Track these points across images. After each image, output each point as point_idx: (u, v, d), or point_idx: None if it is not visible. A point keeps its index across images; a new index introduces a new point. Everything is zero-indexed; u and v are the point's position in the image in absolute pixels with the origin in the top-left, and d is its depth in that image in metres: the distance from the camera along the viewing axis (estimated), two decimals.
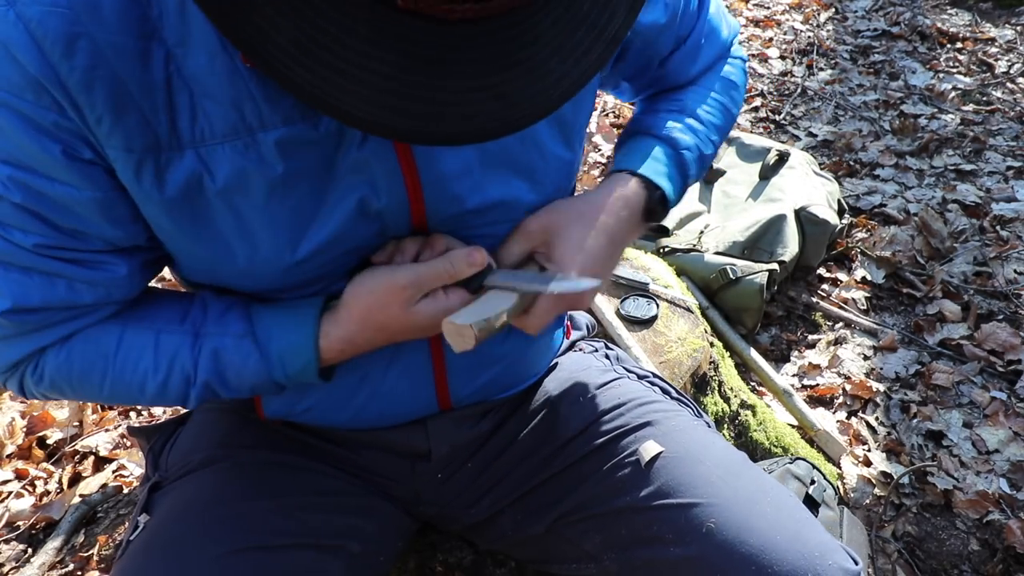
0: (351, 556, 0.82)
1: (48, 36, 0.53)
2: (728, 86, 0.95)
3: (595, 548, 0.83)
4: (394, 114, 0.49)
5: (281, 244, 0.67)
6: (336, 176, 0.65)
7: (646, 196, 0.82)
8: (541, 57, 0.51)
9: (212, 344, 0.71)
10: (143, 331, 0.72)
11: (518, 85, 0.51)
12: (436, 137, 0.51)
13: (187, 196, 0.62)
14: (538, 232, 0.76)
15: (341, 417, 0.85)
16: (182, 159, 0.60)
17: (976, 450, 1.79)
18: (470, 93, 0.50)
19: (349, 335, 0.71)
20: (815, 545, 0.74)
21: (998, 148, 2.94)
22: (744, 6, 4.43)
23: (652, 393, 0.95)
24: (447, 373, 0.85)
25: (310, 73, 0.47)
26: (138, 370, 0.71)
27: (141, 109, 0.57)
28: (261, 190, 0.63)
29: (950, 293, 2.24)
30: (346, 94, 0.48)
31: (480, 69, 0.49)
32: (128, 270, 0.68)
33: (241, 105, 0.59)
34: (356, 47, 0.47)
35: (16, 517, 1.46)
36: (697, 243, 2.15)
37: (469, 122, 0.51)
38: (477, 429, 0.91)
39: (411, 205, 0.70)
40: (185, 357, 0.71)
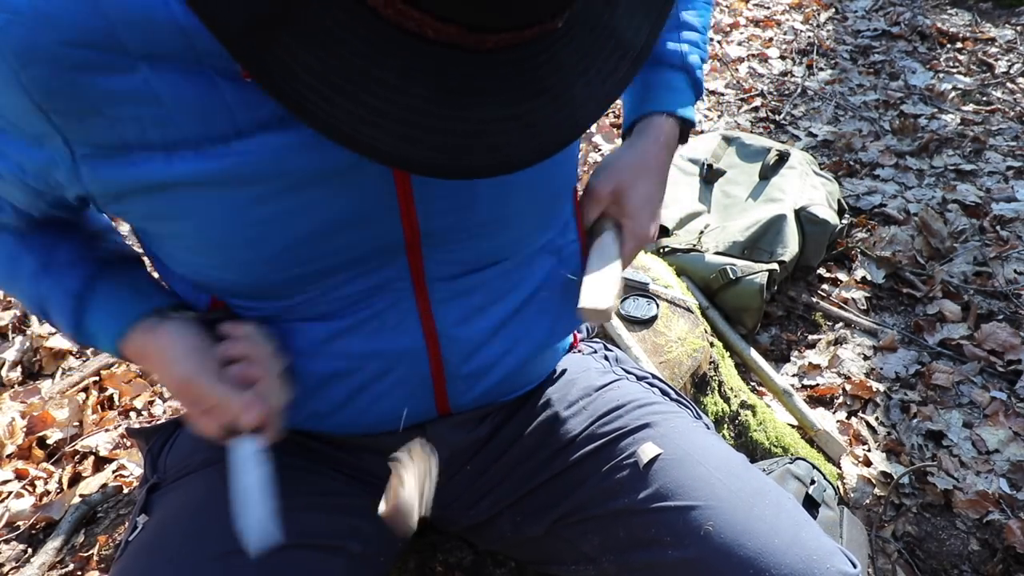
0: (351, 556, 0.82)
1: (7, 47, 0.52)
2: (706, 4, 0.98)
3: (594, 550, 0.83)
4: (422, 148, 0.49)
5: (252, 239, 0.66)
6: (319, 179, 0.64)
7: (679, 130, 0.90)
8: (567, 83, 0.51)
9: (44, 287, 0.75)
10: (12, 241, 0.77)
11: (545, 113, 0.51)
12: (463, 170, 0.51)
13: (159, 192, 0.62)
14: (607, 195, 0.85)
15: (340, 424, 0.85)
16: (152, 159, 0.60)
17: (976, 450, 1.79)
18: (497, 123, 0.49)
19: (139, 355, 0.74)
20: (814, 548, 0.74)
21: (998, 148, 2.94)
22: (744, 6, 4.43)
23: (651, 395, 0.95)
24: (446, 384, 0.84)
25: (336, 109, 0.47)
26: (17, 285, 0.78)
27: (106, 117, 0.57)
28: (236, 193, 0.63)
29: (950, 293, 2.24)
30: (371, 128, 0.47)
31: (508, 98, 0.49)
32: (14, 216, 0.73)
33: (215, 114, 0.59)
34: (387, 81, 0.46)
35: (16, 517, 1.46)
36: (697, 243, 2.15)
37: (496, 153, 0.50)
38: (476, 433, 0.91)
39: (401, 211, 0.69)
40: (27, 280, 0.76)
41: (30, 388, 1.81)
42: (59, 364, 1.90)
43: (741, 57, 3.80)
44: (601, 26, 0.51)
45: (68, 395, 1.76)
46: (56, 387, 1.80)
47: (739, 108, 3.36)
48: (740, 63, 3.75)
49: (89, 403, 1.76)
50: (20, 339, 1.93)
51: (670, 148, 0.90)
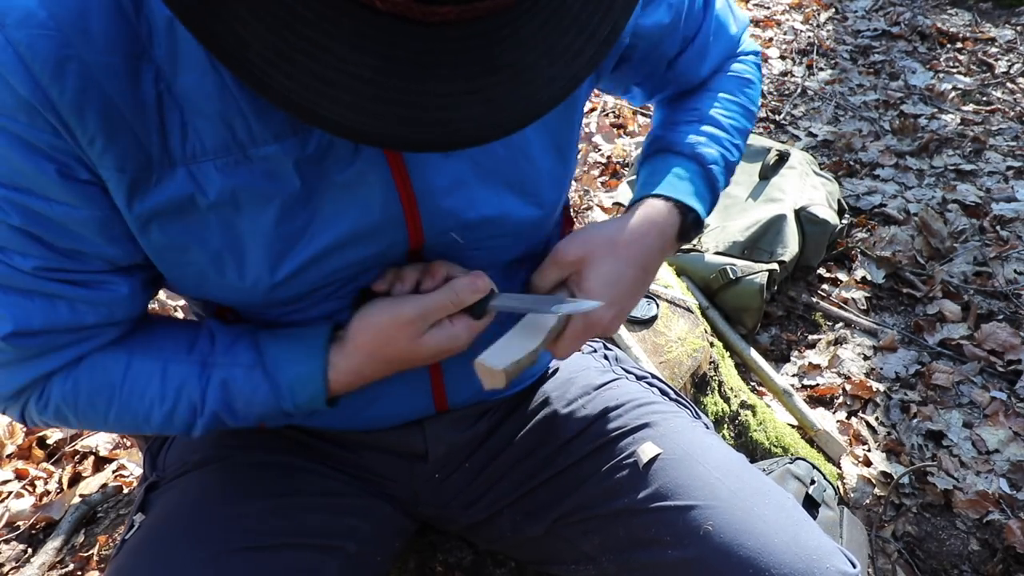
0: (347, 556, 0.82)
1: (37, 59, 0.52)
2: (742, 84, 0.93)
3: (593, 549, 0.83)
4: (375, 119, 0.48)
5: (271, 258, 0.66)
6: (329, 191, 0.65)
7: (680, 220, 0.81)
8: (528, 60, 0.50)
9: (221, 375, 0.71)
10: (150, 359, 0.71)
11: (504, 89, 0.50)
12: (419, 143, 0.50)
13: (179, 212, 0.62)
14: (572, 262, 0.77)
15: (338, 420, 0.85)
16: (174, 176, 0.60)
17: (976, 450, 1.79)
18: (454, 97, 0.49)
19: (358, 367, 0.71)
20: (813, 548, 0.74)
21: (998, 148, 2.94)
22: (744, 6, 4.43)
23: (651, 394, 0.95)
24: (444, 377, 0.84)
25: (290, 80, 0.47)
26: (144, 399, 0.70)
27: (132, 129, 0.57)
28: (252, 206, 0.63)
29: (950, 293, 2.24)
30: (325, 99, 0.47)
31: (464, 72, 0.48)
32: (129, 289, 0.68)
33: (232, 122, 0.59)
34: (336, 51, 0.46)
35: (16, 517, 1.46)
36: (697, 243, 2.15)
37: (454, 127, 0.50)
38: (474, 430, 0.91)
39: (407, 220, 0.69)
40: (192, 387, 0.70)
41: None
42: None
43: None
44: (564, 8, 0.51)
45: None
46: None
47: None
48: None
49: None
50: None
51: (664, 235, 0.80)
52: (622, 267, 0.76)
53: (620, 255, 0.76)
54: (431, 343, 0.70)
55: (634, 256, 0.77)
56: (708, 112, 0.88)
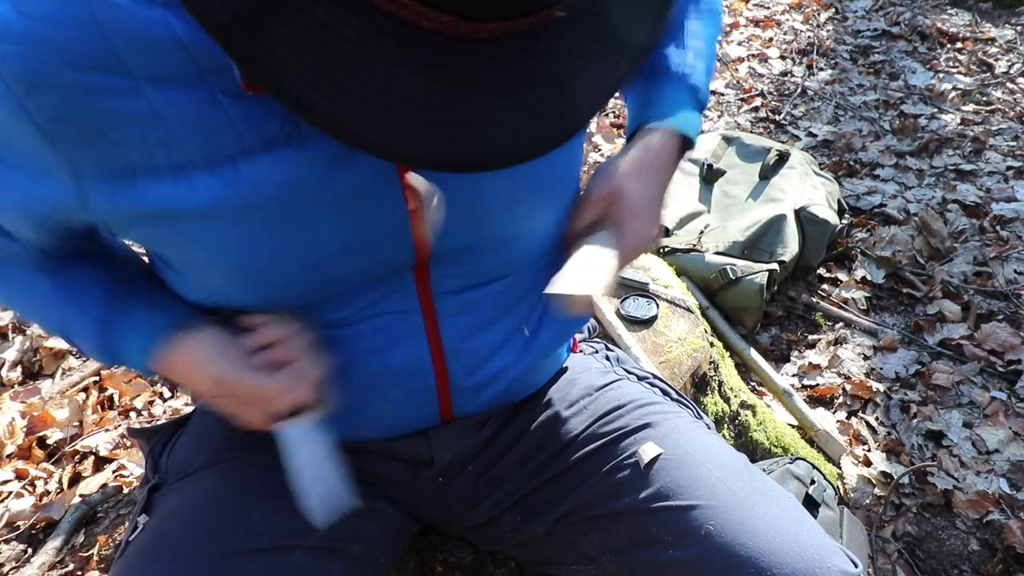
0: (351, 557, 0.82)
1: (12, 75, 0.51)
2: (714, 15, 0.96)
3: (594, 549, 0.83)
4: (422, 141, 0.47)
5: (265, 267, 0.65)
6: (327, 202, 0.63)
7: (680, 143, 0.86)
8: (569, 73, 0.50)
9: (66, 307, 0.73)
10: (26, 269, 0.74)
11: (550, 103, 0.50)
12: (468, 163, 0.49)
13: (166, 216, 0.61)
14: (605, 196, 0.80)
15: (343, 430, 0.85)
16: (160, 184, 0.59)
17: (976, 450, 1.79)
18: (501, 114, 0.48)
19: (170, 368, 0.73)
20: (815, 547, 0.74)
21: (998, 148, 2.94)
22: (744, 6, 4.43)
23: (652, 395, 0.95)
24: (451, 394, 0.83)
25: (332, 103, 0.46)
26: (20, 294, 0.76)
27: (111, 140, 0.56)
28: (243, 215, 0.62)
29: (950, 293, 2.24)
30: (370, 122, 0.46)
31: (508, 88, 0.48)
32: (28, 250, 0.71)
33: (221, 133, 0.58)
34: (380, 72, 0.45)
35: (16, 517, 1.46)
36: (697, 243, 2.15)
37: (501, 144, 0.49)
38: (478, 436, 0.91)
39: (413, 230, 0.68)
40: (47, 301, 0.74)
41: (30, 388, 1.81)
42: (59, 364, 1.90)
43: (741, 57, 3.80)
44: (601, 17, 0.50)
45: (68, 395, 1.76)
46: (56, 387, 1.80)
47: (739, 108, 3.36)
48: (740, 63, 3.75)
49: (89, 403, 1.76)
50: (20, 339, 1.93)
51: (668, 158, 0.85)
52: (651, 187, 0.81)
53: (645, 177, 0.81)
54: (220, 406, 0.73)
55: (656, 178, 0.83)
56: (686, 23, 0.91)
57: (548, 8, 0.46)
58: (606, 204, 0.80)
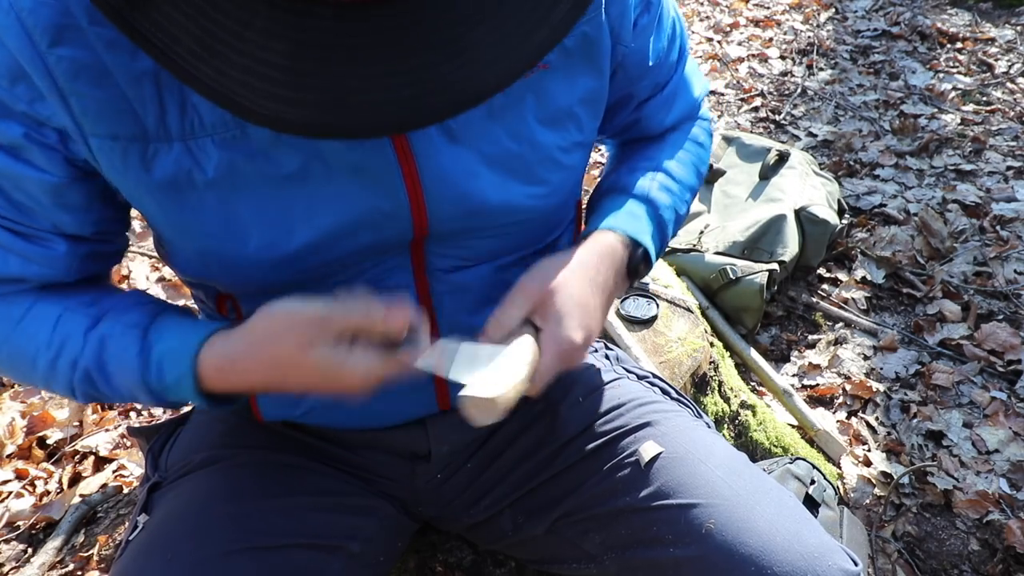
0: (350, 556, 0.82)
1: (38, 26, 0.53)
2: (696, 146, 0.95)
3: (595, 548, 0.83)
4: (293, 108, 0.47)
5: (270, 239, 0.66)
6: (331, 174, 0.65)
7: (629, 255, 0.80)
8: (468, 39, 0.48)
9: (104, 329, 0.67)
10: (52, 305, 0.69)
11: (440, 71, 0.47)
12: (340, 130, 0.48)
13: (175, 186, 0.62)
14: (536, 291, 0.71)
15: (340, 418, 0.85)
16: (170, 151, 0.61)
17: (976, 450, 1.79)
18: (376, 80, 0.47)
19: (233, 353, 0.65)
20: (815, 546, 0.74)
21: (998, 148, 2.94)
22: (744, 6, 4.43)
23: (652, 393, 0.95)
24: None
25: (212, 70, 0.47)
26: (33, 342, 0.68)
27: (128, 98, 0.58)
28: (251, 184, 0.63)
29: (950, 293, 2.24)
30: (246, 89, 0.47)
31: (387, 54, 0.46)
32: (66, 251, 0.67)
33: None
34: (253, 40, 0.46)
35: (16, 517, 1.46)
36: (697, 243, 2.15)
37: (375, 112, 0.48)
38: (477, 431, 0.91)
39: (412, 208, 0.69)
40: (77, 338, 0.67)
41: (30, 388, 1.81)
42: None
43: (741, 57, 3.80)
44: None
45: None
46: None
47: (739, 108, 3.36)
48: (740, 63, 3.75)
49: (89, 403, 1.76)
50: None
51: (616, 266, 0.78)
52: (588, 290, 0.73)
53: (582, 281, 0.73)
54: (319, 361, 0.61)
55: (597, 281, 0.75)
56: (663, 163, 0.89)
57: None
58: (536, 303, 0.71)
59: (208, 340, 0.65)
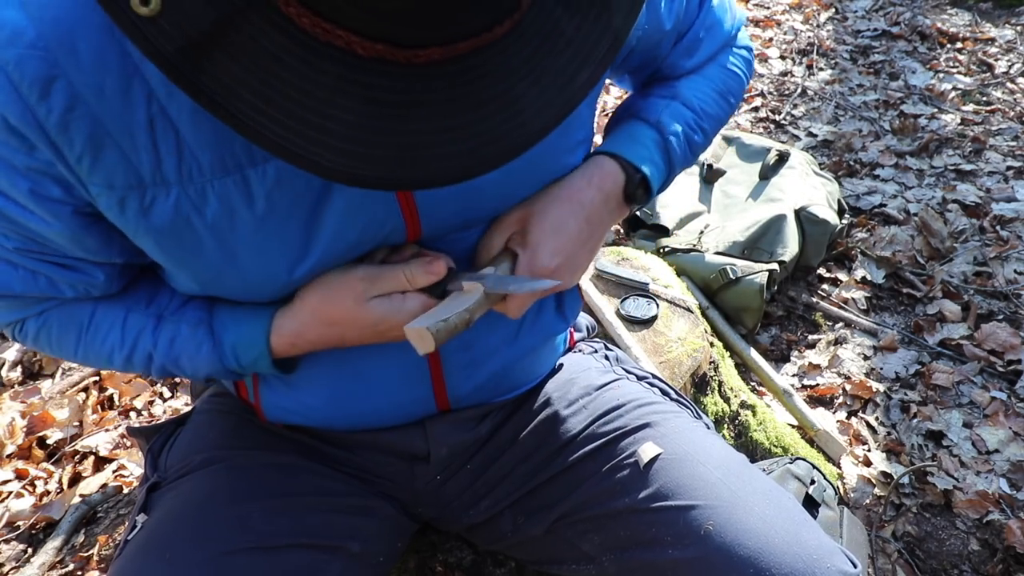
0: (350, 556, 0.82)
1: (25, 79, 0.52)
2: (726, 74, 0.93)
3: (594, 549, 0.83)
4: (361, 162, 0.48)
5: (273, 271, 0.68)
6: (328, 206, 0.65)
7: (625, 178, 0.81)
8: (519, 90, 0.50)
9: (170, 330, 0.74)
10: (114, 307, 0.75)
11: (493, 123, 0.50)
12: (405, 182, 0.50)
13: (175, 229, 0.63)
14: (515, 220, 0.76)
15: (340, 418, 0.85)
16: (168, 196, 0.60)
17: (976, 450, 1.79)
18: (437, 135, 0.49)
19: (299, 327, 0.72)
20: (814, 547, 0.74)
21: (998, 148, 2.94)
22: (744, 6, 4.43)
23: (651, 394, 0.95)
24: (444, 371, 0.84)
25: (277, 126, 0.47)
26: (106, 343, 0.75)
27: (122, 148, 0.57)
28: (251, 223, 0.64)
29: (950, 293, 2.24)
30: (313, 144, 0.47)
31: (448, 109, 0.48)
32: (106, 276, 0.71)
33: (230, 143, 0.59)
34: (321, 96, 0.46)
35: (16, 517, 1.46)
36: (697, 243, 2.15)
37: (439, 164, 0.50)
38: (476, 432, 0.91)
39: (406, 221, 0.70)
40: (147, 338, 0.75)
41: (30, 388, 1.81)
42: (59, 364, 1.90)
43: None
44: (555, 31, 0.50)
45: (68, 395, 1.76)
46: (56, 387, 1.80)
47: (739, 108, 3.36)
48: None
49: (89, 403, 1.76)
50: None
51: (606, 189, 0.79)
52: (564, 216, 0.75)
53: (562, 206, 0.76)
54: (376, 310, 0.69)
55: (576, 206, 0.76)
56: (682, 90, 0.89)
57: (488, 31, 0.47)
58: (515, 228, 0.76)
59: (274, 324, 0.73)
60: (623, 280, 1.67)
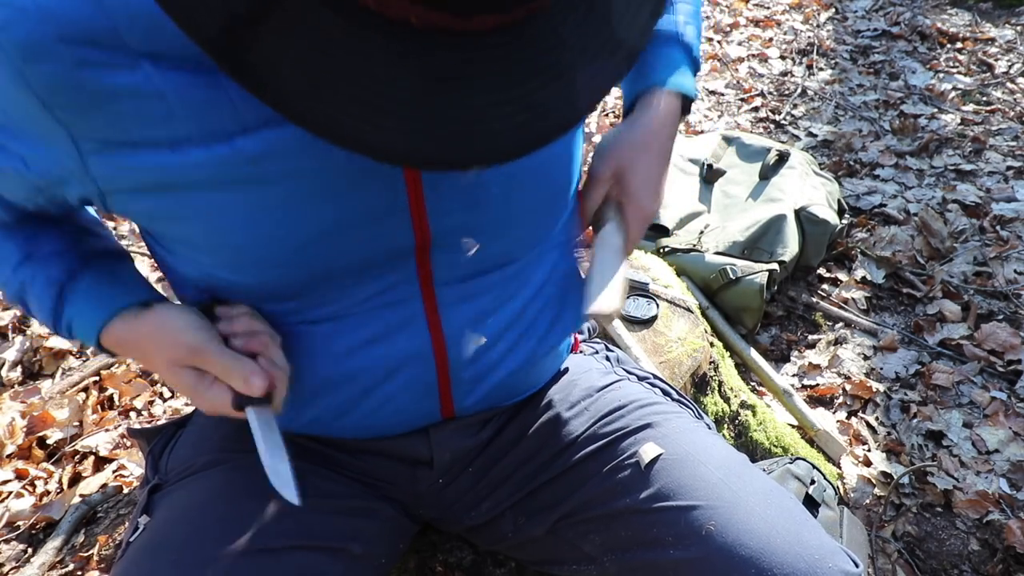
0: (352, 558, 0.82)
1: (11, 42, 0.52)
2: None
3: (595, 550, 0.83)
4: (418, 141, 0.46)
5: (262, 244, 0.65)
6: (326, 176, 0.63)
7: (681, 106, 0.88)
8: (567, 61, 0.48)
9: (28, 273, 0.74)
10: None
11: (547, 93, 0.48)
12: (465, 160, 0.48)
13: (162, 192, 0.61)
14: (609, 175, 0.83)
15: (344, 428, 0.85)
16: (157, 158, 0.59)
17: (976, 450, 1.79)
18: (496, 108, 0.47)
19: (126, 337, 0.73)
20: (815, 547, 0.74)
21: (998, 148, 2.94)
22: (744, 6, 4.43)
23: (652, 395, 0.95)
24: (451, 385, 0.83)
25: (328, 108, 0.44)
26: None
27: (109, 113, 0.57)
28: (242, 191, 0.62)
29: (950, 293, 2.24)
30: (366, 124, 0.45)
31: (502, 81, 0.46)
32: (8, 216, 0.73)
33: (220, 110, 0.58)
34: (372, 73, 0.44)
35: (16, 517, 1.46)
36: (697, 243, 2.15)
37: (498, 139, 0.48)
38: (479, 437, 0.91)
39: (412, 215, 0.68)
40: (6, 268, 0.75)
41: (30, 388, 1.81)
42: (59, 364, 1.90)
43: (741, 57, 3.80)
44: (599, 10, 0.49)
45: (68, 395, 1.76)
46: (56, 387, 1.80)
47: (739, 108, 3.36)
48: (740, 63, 3.75)
49: (89, 403, 1.76)
50: (20, 339, 1.93)
51: (671, 122, 0.87)
52: (654, 162, 0.84)
53: (647, 153, 0.84)
54: (183, 378, 0.71)
55: (659, 150, 0.85)
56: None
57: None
58: (613, 182, 0.84)
59: (110, 322, 0.72)
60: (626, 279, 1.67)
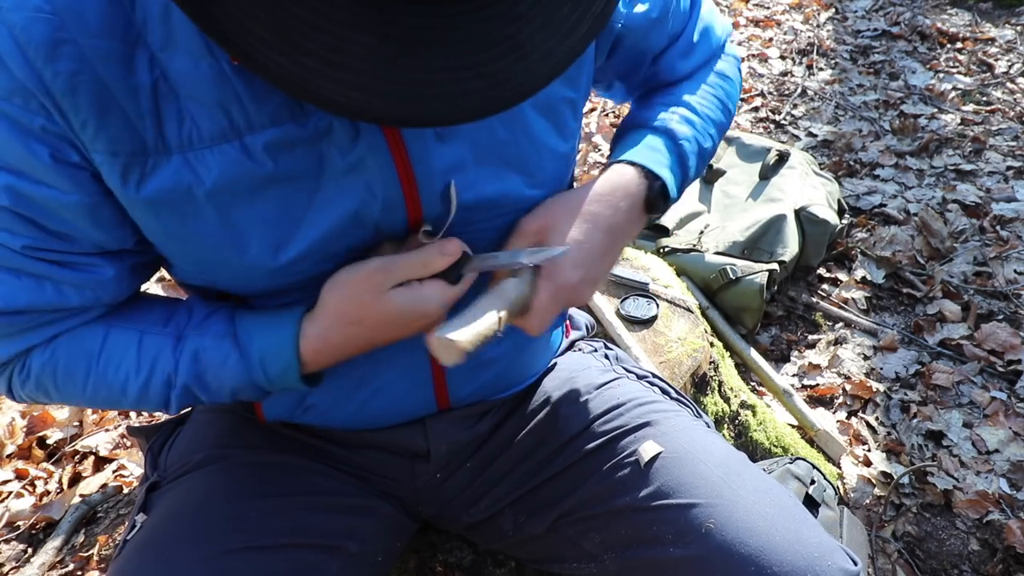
0: (349, 556, 0.82)
1: (32, 42, 0.53)
2: (721, 78, 0.93)
3: (595, 548, 0.83)
4: (375, 98, 0.48)
5: (271, 244, 0.66)
6: (328, 176, 0.65)
7: (646, 186, 0.80)
8: (526, 34, 0.50)
9: (193, 345, 0.71)
10: (127, 331, 0.71)
11: (503, 64, 0.50)
12: (420, 119, 0.51)
13: (175, 199, 0.62)
14: (535, 230, 0.75)
15: (340, 417, 0.85)
16: (169, 163, 0.60)
17: (976, 450, 1.79)
18: (453, 72, 0.49)
19: (325, 332, 0.70)
20: (815, 545, 0.74)
21: (998, 148, 2.94)
22: (744, 6, 4.43)
23: (651, 393, 0.95)
24: (446, 373, 0.84)
25: (289, 61, 0.47)
26: (120, 370, 0.71)
27: (126, 113, 0.57)
28: (250, 192, 0.63)
29: (950, 293, 2.24)
30: (325, 79, 0.47)
31: (462, 48, 0.49)
32: (115, 272, 0.68)
33: (228, 107, 0.59)
34: (334, 32, 0.46)
35: (16, 517, 1.46)
36: (697, 243, 2.15)
37: (454, 102, 0.50)
38: (476, 429, 0.91)
39: (406, 203, 0.69)
40: (167, 358, 0.71)
41: None
42: None
43: (741, 57, 3.80)
44: None
45: None
46: None
47: (739, 108, 3.36)
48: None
49: None
50: None
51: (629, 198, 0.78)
52: (587, 228, 0.75)
53: (585, 218, 0.75)
54: (397, 300, 0.67)
55: (598, 218, 0.76)
56: (683, 97, 0.88)
57: None
58: (536, 238, 0.75)
59: (303, 333, 0.70)
60: (623, 280, 1.67)
